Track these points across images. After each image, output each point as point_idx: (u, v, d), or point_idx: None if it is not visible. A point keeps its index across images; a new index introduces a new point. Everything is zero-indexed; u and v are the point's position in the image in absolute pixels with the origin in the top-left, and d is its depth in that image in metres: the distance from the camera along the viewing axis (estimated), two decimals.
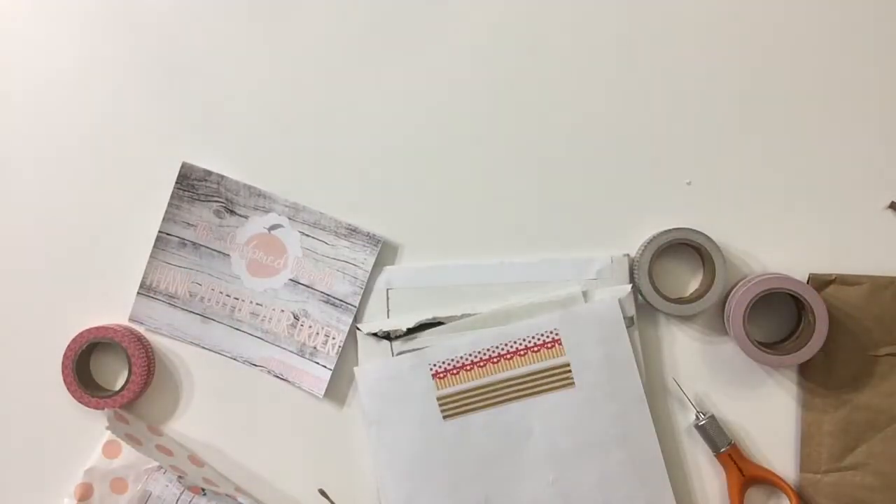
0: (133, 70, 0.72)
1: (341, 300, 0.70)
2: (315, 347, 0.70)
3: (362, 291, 0.70)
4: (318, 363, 0.70)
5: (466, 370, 0.68)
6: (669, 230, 0.67)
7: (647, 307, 0.69)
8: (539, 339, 0.68)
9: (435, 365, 0.68)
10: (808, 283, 0.67)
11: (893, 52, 0.69)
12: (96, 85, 0.72)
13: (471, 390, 0.68)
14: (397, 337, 0.69)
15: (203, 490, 0.68)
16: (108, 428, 0.67)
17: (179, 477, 0.67)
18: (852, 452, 0.67)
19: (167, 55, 0.72)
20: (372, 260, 0.70)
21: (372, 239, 0.70)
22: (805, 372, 0.68)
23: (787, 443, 0.69)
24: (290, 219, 0.70)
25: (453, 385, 0.68)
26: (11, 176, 0.72)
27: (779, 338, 0.69)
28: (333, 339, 0.70)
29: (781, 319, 0.69)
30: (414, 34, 0.71)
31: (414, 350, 0.69)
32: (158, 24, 0.72)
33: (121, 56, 0.72)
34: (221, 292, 0.71)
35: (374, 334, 0.69)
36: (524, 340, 0.68)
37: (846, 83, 0.70)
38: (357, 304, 0.70)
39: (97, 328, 0.69)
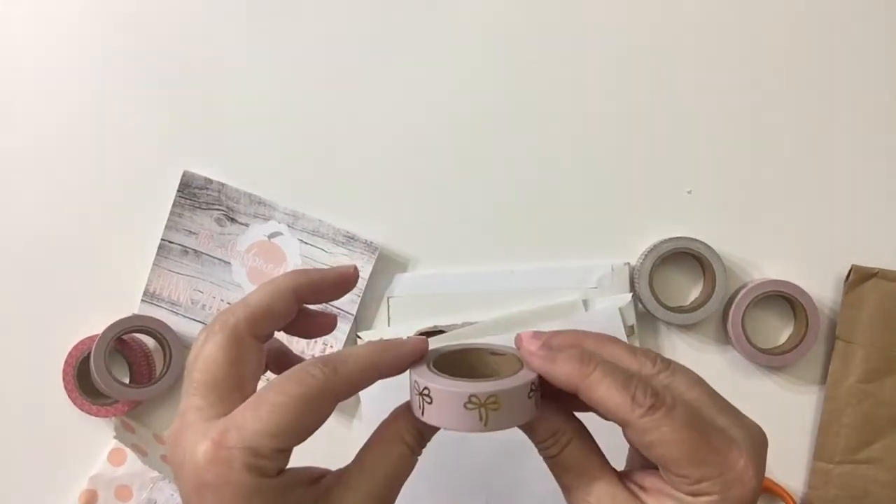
0: (134, 79, 0.72)
1: (339, 308, 0.69)
2: (313, 356, 0.70)
3: (360, 299, 0.69)
4: None
5: None
6: (670, 239, 0.67)
7: (647, 316, 0.68)
8: None
9: None
10: (849, 274, 0.67)
11: None
12: (98, 94, 0.72)
13: None
14: None
15: None
16: (115, 437, 0.67)
17: None
18: (869, 447, 0.67)
19: (168, 64, 0.72)
20: (369, 268, 0.69)
21: (369, 246, 0.70)
22: (833, 362, 0.67)
23: (787, 450, 0.68)
24: (289, 226, 0.70)
25: None
26: (13, 184, 0.72)
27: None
28: (331, 347, 0.70)
29: (791, 331, 0.70)
30: (415, 41, 0.71)
31: None
32: (159, 32, 0.72)
33: (122, 65, 0.72)
34: (222, 300, 0.71)
35: None
36: None
37: (850, 94, 0.69)
38: (355, 313, 0.69)
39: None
